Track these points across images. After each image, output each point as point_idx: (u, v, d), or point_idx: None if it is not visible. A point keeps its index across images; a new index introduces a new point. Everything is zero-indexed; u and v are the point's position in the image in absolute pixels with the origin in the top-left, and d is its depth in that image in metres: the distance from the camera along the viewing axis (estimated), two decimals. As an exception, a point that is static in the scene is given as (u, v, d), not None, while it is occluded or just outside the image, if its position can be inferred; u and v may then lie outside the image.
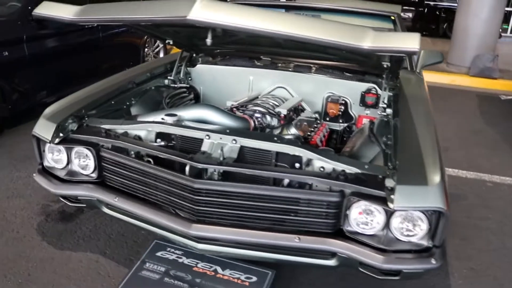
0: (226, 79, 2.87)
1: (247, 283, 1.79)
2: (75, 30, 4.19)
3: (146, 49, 5.42)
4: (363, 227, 1.63)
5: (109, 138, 1.88)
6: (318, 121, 2.61)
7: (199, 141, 1.86)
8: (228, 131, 1.87)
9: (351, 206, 1.61)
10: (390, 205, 1.51)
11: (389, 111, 2.32)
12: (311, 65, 2.79)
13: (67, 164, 1.98)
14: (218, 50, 2.95)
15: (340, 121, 2.69)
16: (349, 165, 1.68)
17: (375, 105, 2.58)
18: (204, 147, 1.82)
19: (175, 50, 6.93)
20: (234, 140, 1.80)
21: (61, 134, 1.92)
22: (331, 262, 1.70)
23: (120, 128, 1.97)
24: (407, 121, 1.98)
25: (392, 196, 1.52)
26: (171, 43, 2.62)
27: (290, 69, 2.78)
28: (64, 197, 2.05)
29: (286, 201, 1.64)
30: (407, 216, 1.57)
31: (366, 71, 2.69)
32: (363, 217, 1.62)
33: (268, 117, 2.30)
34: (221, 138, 1.82)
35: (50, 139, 1.89)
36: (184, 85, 2.79)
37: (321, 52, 2.56)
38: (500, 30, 7.28)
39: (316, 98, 2.73)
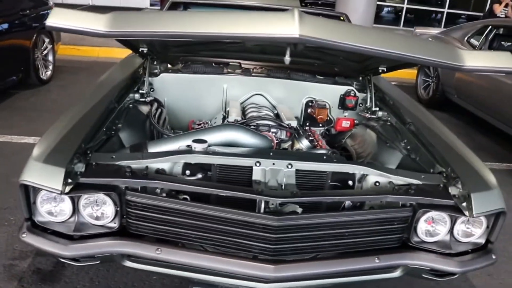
0: (196, 89, 2.61)
1: (317, 313, 1.68)
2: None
3: (35, 52, 4.57)
4: (429, 236, 1.67)
5: (137, 178, 1.53)
6: (306, 127, 2.57)
7: (245, 169, 1.66)
8: (271, 154, 1.70)
9: (420, 217, 1.63)
10: (466, 212, 1.58)
11: (381, 113, 2.41)
12: (286, 69, 2.71)
13: (71, 215, 1.56)
14: (181, 57, 2.65)
15: (320, 125, 2.69)
16: (408, 177, 1.70)
17: (354, 107, 2.65)
18: (256, 176, 1.63)
19: (62, 51, 6.02)
20: (290, 164, 1.65)
21: (69, 180, 1.49)
22: (396, 274, 1.70)
23: (141, 163, 1.62)
24: (421, 125, 2.08)
25: (464, 204, 1.59)
26: (145, 51, 2.24)
27: (265, 75, 2.65)
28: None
29: (363, 223, 1.58)
30: (468, 219, 1.66)
31: (340, 73, 2.73)
32: (430, 226, 1.66)
33: (279, 131, 2.17)
34: (274, 164, 1.65)
35: (61, 189, 1.44)
36: (150, 98, 2.43)
37: (301, 57, 2.51)
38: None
39: (294, 104, 2.68)
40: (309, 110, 2.67)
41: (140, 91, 2.33)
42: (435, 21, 13.73)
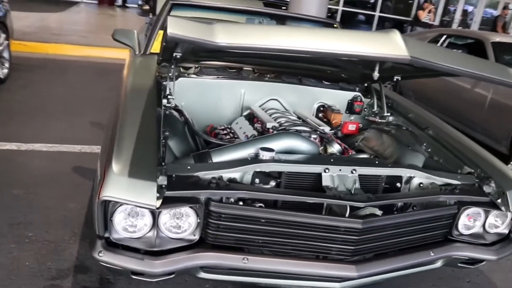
0: (214, 93, 2.62)
1: (376, 307, 1.83)
2: None
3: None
4: (466, 229, 1.89)
5: (223, 189, 1.55)
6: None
7: (313, 175, 1.74)
8: (332, 160, 1.81)
9: (461, 213, 1.84)
10: (503, 208, 1.82)
11: (391, 118, 2.61)
12: (296, 75, 2.81)
13: (149, 230, 1.53)
14: (201, 62, 2.64)
15: (329, 128, 2.83)
16: (448, 178, 1.90)
17: (360, 112, 2.83)
18: (326, 182, 1.72)
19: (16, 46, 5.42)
20: (354, 170, 1.76)
21: (158, 195, 1.46)
22: (438, 265, 1.90)
23: (217, 173, 1.63)
24: (437, 130, 2.32)
25: (499, 200, 1.83)
26: (178, 56, 2.20)
27: (279, 80, 2.73)
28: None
29: (422, 221, 1.75)
30: (497, 213, 1.91)
31: (344, 79, 2.90)
32: (469, 221, 1.88)
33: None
34: (340, 170, 1.75)
35: (156, 204, 1.42)
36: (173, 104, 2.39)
37: (312, 63, 2.63)
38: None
39: (306, 108, 2.79)
40: (320, 115, 2.80)
41: (169, 97, 2.30)
42: (362, 22, 14.66)
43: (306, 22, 3.53)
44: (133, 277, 1.59)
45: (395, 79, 2.53)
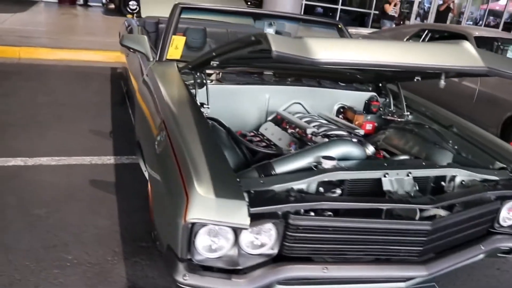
0: (239, 99, 2.60)
1: (433, 302, 1.91)
2: None
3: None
4: (506, 222, 2.01)
5: (303, 201, 1.56)
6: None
7: (372, 180, 1.79)
8: (386, 164, 1.86)
9: (502, 207, 1.96)
10: None
11: (410, 117, 2.72)
12: (315, 78, 2.85)
13: (230, 249, 1.52)
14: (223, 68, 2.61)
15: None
16: (489, 175, 2.01)
17: (376, 112, 2.92)
18: (386, 186, 1.77)
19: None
20: (409, 173, 1.82)
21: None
22: (481, 257, 2.01)
23: (289, 186, 1.64)
24: (462, 127, 2.44)
25: None
26: (215, 65, 2.18)
27: (300, 84, 2.76)
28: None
29: (476, 217, 1.84)
30: None
31: (358, 80, 2.97)
32: (509, 213, 2.00)
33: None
34: (397, 174, 1.81)
35: (248, 223, 1.42)
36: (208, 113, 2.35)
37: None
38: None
39: (326, 110, 2.83)
40: (340, 116, 2.85)
41: (205, 106, 2.27)
42: (322, 15, 15.00)
43: (312, 23, 3.58)
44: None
45: (415, 79, 2.62)
